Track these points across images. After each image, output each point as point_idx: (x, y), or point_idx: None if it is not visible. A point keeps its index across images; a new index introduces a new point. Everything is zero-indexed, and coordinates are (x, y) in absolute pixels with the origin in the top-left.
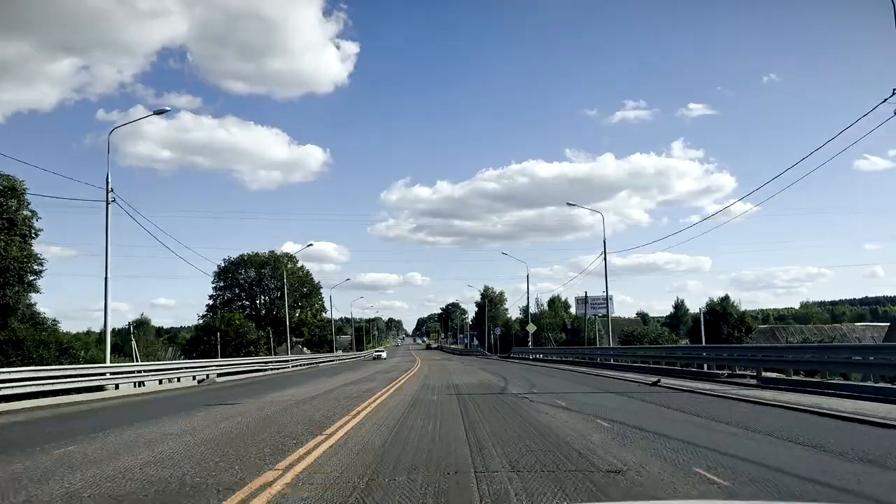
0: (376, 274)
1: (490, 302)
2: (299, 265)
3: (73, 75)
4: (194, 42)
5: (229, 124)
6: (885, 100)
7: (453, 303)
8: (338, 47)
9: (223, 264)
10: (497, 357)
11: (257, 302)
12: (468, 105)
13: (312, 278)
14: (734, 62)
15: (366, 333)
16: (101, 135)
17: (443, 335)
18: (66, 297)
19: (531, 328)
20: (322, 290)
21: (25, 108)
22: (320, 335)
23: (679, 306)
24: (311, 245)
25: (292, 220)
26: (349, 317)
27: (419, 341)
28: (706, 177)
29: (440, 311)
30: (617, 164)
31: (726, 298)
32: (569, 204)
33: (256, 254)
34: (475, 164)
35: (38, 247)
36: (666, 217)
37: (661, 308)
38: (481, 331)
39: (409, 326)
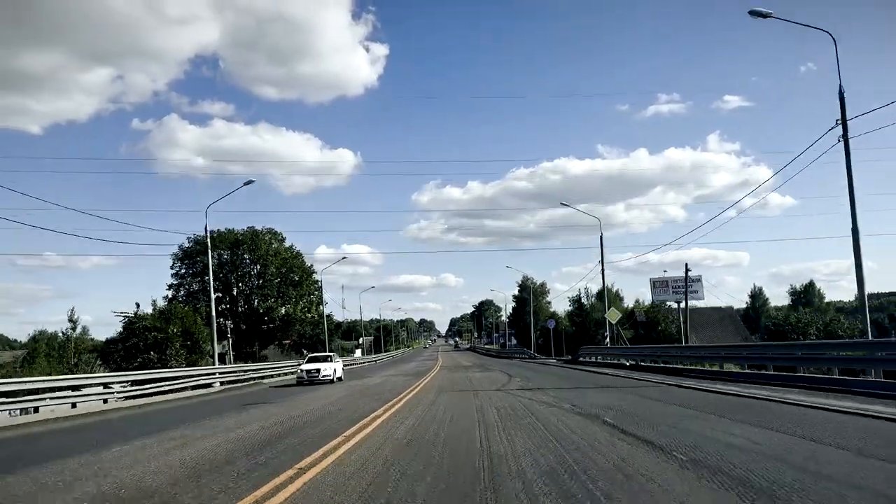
0: (409, 276)
1: (530, 294)
2: (287, 244)
3: (108, 85)
4: (226, 48)
5: (262, 130)
6: None
7: (487, 300)
8: (367, 49)
9: (187, 243)
10: (556, 361)
11: (233, 291)
12: (498, 104)
13: (303, 261)
14: (770, 52)
15: (385, 334)
16: (135, 144)
17: (476, 335)
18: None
19: (612, 316)
20: (317, 277)
21: (63, 120)
22: (312, 334)
23: (757, 295)
24: (250, 182)
25: (325, 223)
26: (378, 318)
27: (451, 342)
28: (743, 170)
29: (473, 310)
30: (651, 159)
31: None
32: None
33: (230, 230)
34: (506, 164)
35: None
36: (702, 212)
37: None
38: (520, 328)
39: (443, 328)
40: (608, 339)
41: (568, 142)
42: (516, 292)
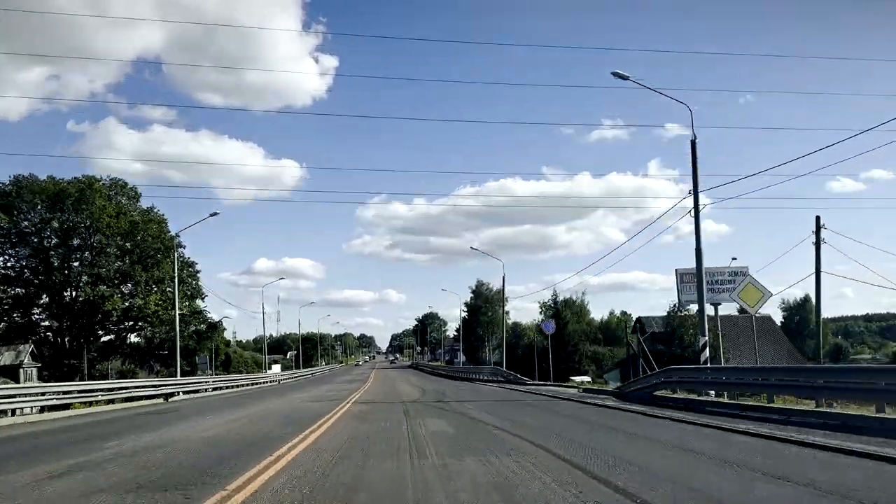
0: (351, 291)
1: (486, 303)
2: (140, 204)
3: (43, 84)
4: (170, 52)
5: (203, 137)
6: None
7: (431, 313)
8: (316, 60)
9: None
10: (578, 391)
11: (56, 275)
12: (446, 122)
13: (166, 229)
14: (711, 83)
15: (313, 347)
16: (70, 146)
17: (419, 350)
18: None
19: (750, 296)
20: (186, 257)
21: None
22: (166, 338)
23: (802, 306)
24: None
25: (266, 235)
26: (320, 332)
27: (392, 357)
28: (682, 196)
29: (416, 323)
30: (594, 182)
31: None
32: None
33: (52, 177)
34: (453, 182)
35: None
36: (641, 237)
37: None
38: (471, 343)
39: (384, 344)
40: (705, 356)
41: (514, 162)
42: (469, 299)
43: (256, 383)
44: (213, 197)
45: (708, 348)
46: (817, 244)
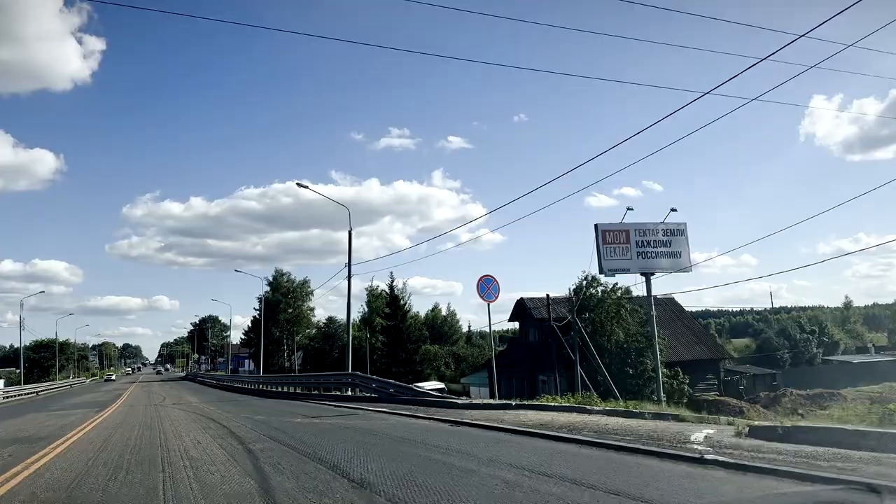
0: (116, 297)
1: (286, 297)
2: None
3: None
4: None
5: None
6: None
7: (210, 316)
8: (80, 42)
9: None
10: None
11: None
12: (228, 117)
13: None
14: (490, 100)
15: (38, 355)
16: None
17: (196, 358)
18: None
19: None
20: None
21: None
22: None
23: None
24: None
25: (13, 233)
26: (59, 339)
27: (159, 368)
28: (462, 206)
29: (192, 328)
30: (382, 189)
31: None
32: None
33: None
34: (235, 181)
35: None
36: (425, 244)
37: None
38: (266, 348)
39: (153, 354)
40: None
41: (302, 165)
42: (265, 292)
43: None
44: None
45: None
46: None
